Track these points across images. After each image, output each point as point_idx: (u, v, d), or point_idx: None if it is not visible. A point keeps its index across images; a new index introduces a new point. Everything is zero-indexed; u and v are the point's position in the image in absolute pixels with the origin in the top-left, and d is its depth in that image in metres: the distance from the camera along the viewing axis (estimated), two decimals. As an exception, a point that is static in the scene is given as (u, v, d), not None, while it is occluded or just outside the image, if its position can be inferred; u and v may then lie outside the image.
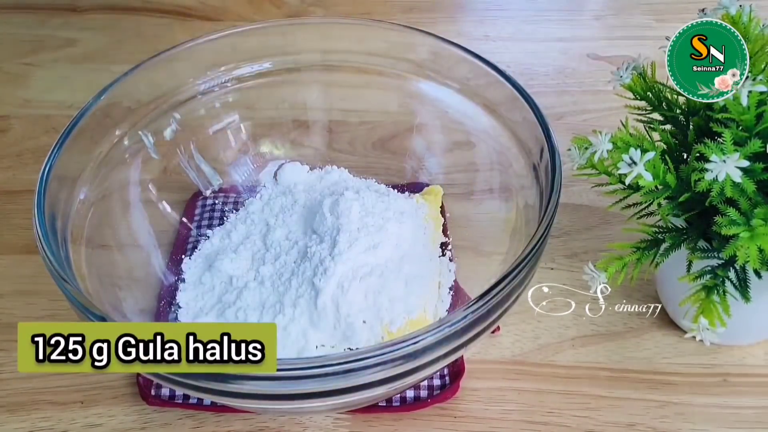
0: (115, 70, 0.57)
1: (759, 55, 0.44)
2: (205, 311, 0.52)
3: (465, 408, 0.50)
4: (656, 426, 0.49)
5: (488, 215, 0.57)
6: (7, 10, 0.86)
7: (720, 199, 0.41)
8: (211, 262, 0.56)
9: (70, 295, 0.41)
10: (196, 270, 0.56)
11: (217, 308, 0.52)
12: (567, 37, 0.82)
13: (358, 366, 0.37)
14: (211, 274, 0.54)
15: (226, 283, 0.54)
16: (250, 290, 0.52)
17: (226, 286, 0.54)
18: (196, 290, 0.54)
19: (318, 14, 0.85)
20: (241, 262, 0.54)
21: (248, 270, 0.54)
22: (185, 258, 0.57)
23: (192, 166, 0.60)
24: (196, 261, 0.57)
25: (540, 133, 0.49)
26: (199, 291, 0.54)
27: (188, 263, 0.57)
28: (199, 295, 0.54)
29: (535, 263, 0.43)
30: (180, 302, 0.54)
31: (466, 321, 0.39)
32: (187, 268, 0.56)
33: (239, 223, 0.59)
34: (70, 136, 0.49)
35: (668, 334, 0.54)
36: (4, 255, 0.60)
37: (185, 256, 0.57)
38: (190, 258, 0.57)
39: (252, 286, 0.52)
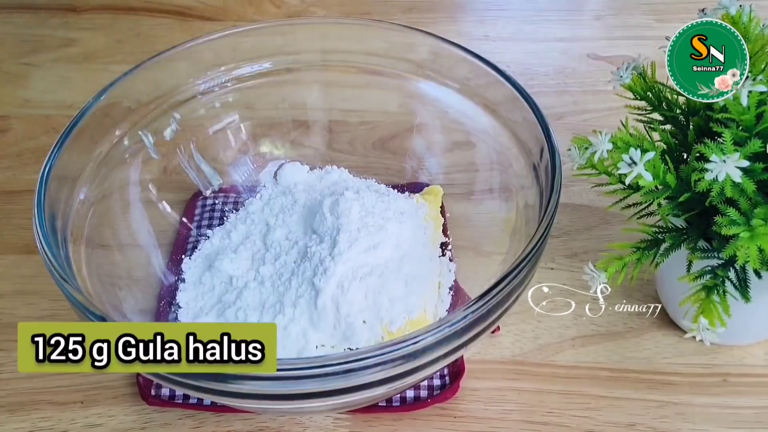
0: (115, 70, 0.57)
1: (759, 55, 0.44)
2: (205, 311, 0.52)
3: (465, 408, 0.50)
4: (656, 426, 0.49)
5: (488, 215, 0.57)
6: (7, 10, 0.86)
7: (720, 199, 0.41)
8: (211, 262, 0.56)
9: (70, 295, 0.41)
10: (196, 270, 0.56)
11: (217, 308, 0.52)
12: (567, 37, 0.82)
13: (358, 366, 0.37)
14: (211, 274, 0.54)
15: (226, 283, 0.54)
16: (250, 290, 0.52)
17: (226, 286, 0.54)
18: (196, 290, 0.54)
19: (318, 14, 0.85)
20: (241, 262, 0.54)
21: (248, 270, 0.54)
22: (185, 258, 0.57)
23: (192, 166, 0.60)
24: (196, 261, 0.57)
25: (540, 133, 0.49)
26: (199, 291, 0.54)
27: (188, 263, 0.57)
28: (199, 295, 0.54)
29: (535, 263, 0.43)
30: (180, 302, 0.54)
31: (466, 321, 0.39)
32: (187, 268, 0.56)
33: (239, 223, 0.59)
34: (70, 136, 0.49)
35: (668, 334, 0.54)
36: (4, 255, 0.60)
37: (185, 256, 0.57)
38: (190, 258, 0.57)
39: (252, 286, 0.52)
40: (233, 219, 0.60)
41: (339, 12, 0.85)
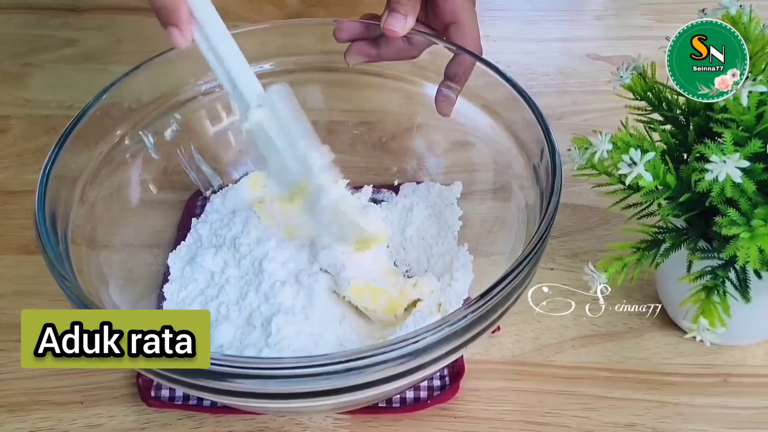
0: (115, 70, 0.57)
1: (759, 55, 0.44)
2: (188, 302, 0.53)
3: (465, 408, 0.50)
4: (656, 426, 0.49)
5: (488, 215, 0.57)
6: (7, 10, 0.86)
7: (720, 200, 0.41)
8: (192, 255, 0.56)
9: (71, 294, 0.41)
10: (181, 263, 0.56)
11: (200, 300, 0.53)
12: (567, 37, 0.82)
13: (358, 365, 0.37)
14: (191, 268, 0.55)
15: (208, 277, 0.54)
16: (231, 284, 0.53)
17: (207, 280, 0.54)
18: (181, 282, 0.55)
19: (318, 15, 0.84)
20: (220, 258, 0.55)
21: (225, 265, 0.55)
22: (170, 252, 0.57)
23: (192, 167, 0.60)
24: (180, 253, 0.57)
25: (540, 133, 0.49)
26: (182, 283, 0.55)
27: (173, 257, 0.57)
28: (182, 287, 0.54)
29: (535, 264, 0.43)
30: (165, 293, 0.54)
31: (466, 321, 0.39)
32: (172, 262, 0.56)
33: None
34: (70, 136, 0.49)
35: (668, 334, 0.54)
36: (4, 255, 0.60)
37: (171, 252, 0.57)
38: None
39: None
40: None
41: (339, 13, 0.85)
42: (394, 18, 0.51)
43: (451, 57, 0.55)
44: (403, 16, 0.51)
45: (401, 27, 0.51)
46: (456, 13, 0.54)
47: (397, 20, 0.51)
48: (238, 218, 0.57)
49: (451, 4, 0.54)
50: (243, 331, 0.51)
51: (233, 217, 0.58)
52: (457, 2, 0.54)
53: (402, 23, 0.51)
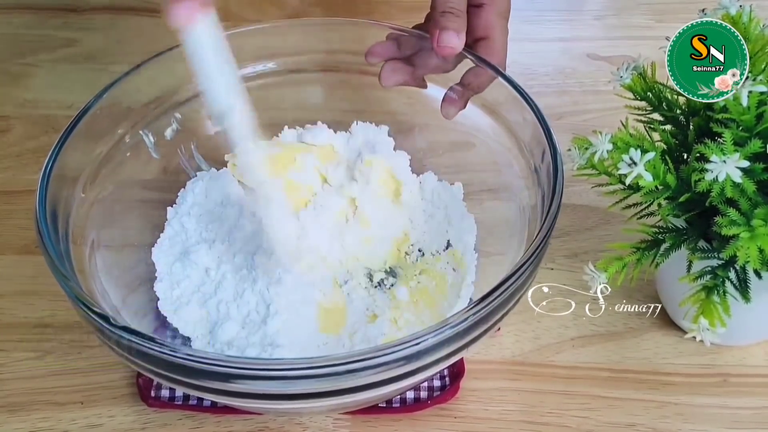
0: (115, 70, 0.57)
1: (759, 55, 0.44)
2: (184, 301, 0.53)
3: (465, 408, 0.50)
4: (656, 426, 0.49)
5: (488, 216, 0.57)
6: (7, 10, 0.85)
7: (720, 200, 0.41)
8: (180, 250, 0.56)
9: (72, 293, 0.41)
10: (167, 259, 0.55)
11: (197, 297, 0.53)
12: (567, 37, 0.82)
13: (359, 367, 0.37)
14: (182, 264, 0.54)
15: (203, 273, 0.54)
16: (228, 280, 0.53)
17: (202, 276, 0.54)
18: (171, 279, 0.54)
19: (318, 15, 0.84)
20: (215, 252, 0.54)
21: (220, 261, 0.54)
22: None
23: (192, 166, 0.60)
24: (162, 247, 0.56)
25: (540, 134, 0.49)
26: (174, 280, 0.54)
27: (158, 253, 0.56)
28: (174, 284, 0.54)
29: (536, 266, 0.43)
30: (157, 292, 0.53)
31: (467, 323, 0.39)
32: (157, 258, 0.55)
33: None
34: (70, 136, 0.49)
35: (668, 334, 0.54)
36: (4, 255, 0.60)
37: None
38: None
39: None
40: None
41: (340, 13, 0.85)
42: (448, 35, 0.50)
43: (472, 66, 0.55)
44: (455, 32, 0.50)
45: (456, 43, 0.50)
46: (488, 29, 0.54)
47: (451, 37, 0.50)
48: (230, 210, 0.57)
49: (485, 20, 0.53)
50: (243, 331, 0.50)
51: (223, 210, 0.57)
52: (491, 19, 0.53)
53: (456, 40, 0.50)
